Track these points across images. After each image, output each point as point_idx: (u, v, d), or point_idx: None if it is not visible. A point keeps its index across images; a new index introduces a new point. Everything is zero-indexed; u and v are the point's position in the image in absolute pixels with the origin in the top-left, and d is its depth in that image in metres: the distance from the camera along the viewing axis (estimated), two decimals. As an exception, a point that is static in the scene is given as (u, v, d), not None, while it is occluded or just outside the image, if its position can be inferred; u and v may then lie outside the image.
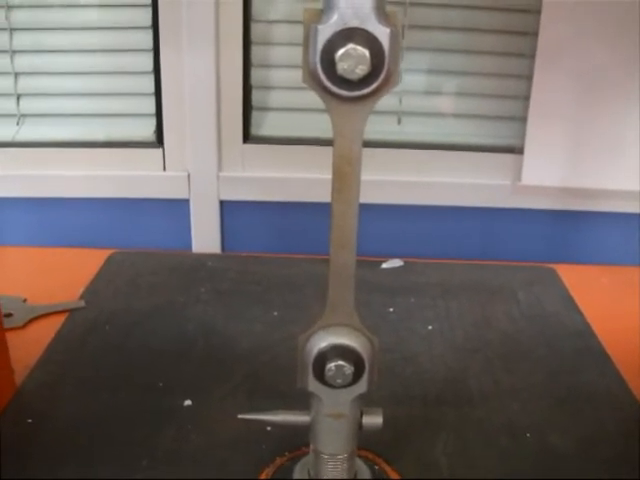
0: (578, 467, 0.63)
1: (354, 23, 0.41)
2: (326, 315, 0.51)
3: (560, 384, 0.75)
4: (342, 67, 0.42)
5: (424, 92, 1.07)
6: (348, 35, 0.41)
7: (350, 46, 0.41)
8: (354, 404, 0.54)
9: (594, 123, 1.00)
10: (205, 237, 1.09)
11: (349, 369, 0.51)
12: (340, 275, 0.50)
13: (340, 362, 0.50)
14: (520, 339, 0.83)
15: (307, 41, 0.43)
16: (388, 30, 0.42)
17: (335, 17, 0.41)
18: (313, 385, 0.52)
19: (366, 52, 0.41)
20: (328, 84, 0.43)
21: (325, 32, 0.42)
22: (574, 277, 0.98)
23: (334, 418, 0.54)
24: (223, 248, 1.11)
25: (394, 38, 0.42)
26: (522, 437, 0.66)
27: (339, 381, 0.51)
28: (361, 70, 0.42)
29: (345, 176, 0.47)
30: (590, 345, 0.82)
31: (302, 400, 0.56)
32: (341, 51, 0.41)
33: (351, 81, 0.42)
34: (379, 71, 0.42)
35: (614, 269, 1.04)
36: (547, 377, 0.76)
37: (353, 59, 0.41)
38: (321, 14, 0.42)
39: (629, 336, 0.84)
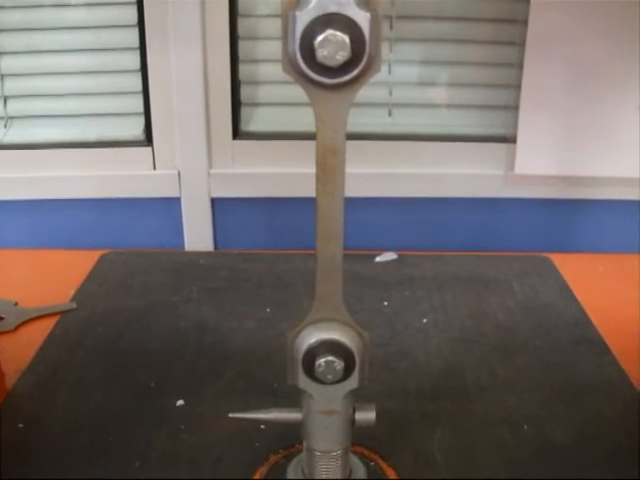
0: (577, 458, 0.62)
1: (333, 8, 0.40)
2: (314, 310, 0.50)
3: (558, 375, 0.74)
4: (322, 54, 0.40)
5: (414, 83, 1.06)
6: (327, 21, 0.40)
7: (329, 32, 0.40)
8: (346, 400, 0.53)
9: (586, 110, 0.99)
10: (197, 235, 1.08)
11: (339, 364, 0.50)
12: (327, 269, 0.49)
13: (330, 358, 0.49)
14: (516, 330, 0.82)
15: (286, 29, 0.42)
16: (368, 15, 0.40)
17: (313, 3, 0.40)
18: (303, 382, 0.51)
19: (346, 38, 0.40)
20: (308, 72, 0.42)
21: (303, 18, 0.40)
22: (570, 266, 0.98)
23: (326, 415, 0.53)
24: (215, 245, 1.10)
25: (375, 23, 0.41)
26: (520, 429, 0.66)
27: (329, 377, 0.50)
28: (341, 56, 0.40)
29: (329, 167, 0.46)
30: (588, 335, 0.81)
31: (298, 397, 0.55)
32: (320, 37, 0.40)
33: (332, 68, 0.41)
34: (360, 57, 0.41)
35: (611, 257, 1.03)
36: (544, 368, 0.75)
37: (333, 45, 0.40)
38: (299, 1, 0.41)
39: (628, 325, 0.83)
